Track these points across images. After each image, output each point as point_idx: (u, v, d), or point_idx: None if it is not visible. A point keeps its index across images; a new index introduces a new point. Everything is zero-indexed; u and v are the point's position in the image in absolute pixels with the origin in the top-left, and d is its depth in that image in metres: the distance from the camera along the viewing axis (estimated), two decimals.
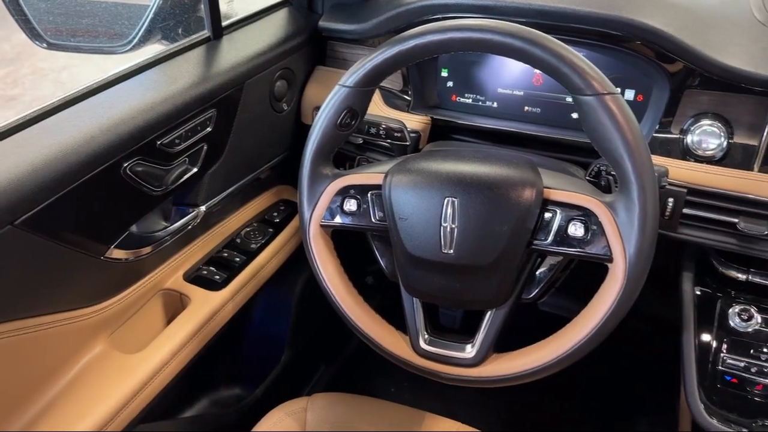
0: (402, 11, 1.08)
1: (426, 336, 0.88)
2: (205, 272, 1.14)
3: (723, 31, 0.95)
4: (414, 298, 0.89)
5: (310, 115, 1.24)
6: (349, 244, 1.01)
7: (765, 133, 0.88)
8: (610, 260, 0.76)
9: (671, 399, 1.24)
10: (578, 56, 0.74)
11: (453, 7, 1.02)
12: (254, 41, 1.14)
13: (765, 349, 0.94)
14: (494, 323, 0.85)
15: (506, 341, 0.87)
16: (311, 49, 1.23)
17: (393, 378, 1.68)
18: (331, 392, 1.08)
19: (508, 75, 1.10)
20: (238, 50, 1.10)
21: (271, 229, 1.25)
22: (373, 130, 1.05)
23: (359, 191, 0.87)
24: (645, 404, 1.58)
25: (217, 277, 1.13)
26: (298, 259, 1.28)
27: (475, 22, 0.77)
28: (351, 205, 0.87)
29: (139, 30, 1.12)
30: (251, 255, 1.19)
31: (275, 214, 1.29)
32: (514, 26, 0.76)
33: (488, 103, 1.13)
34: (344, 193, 0.87)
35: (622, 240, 0.75)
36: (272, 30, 1.19)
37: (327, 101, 0.84)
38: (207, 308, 1.08)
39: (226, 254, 1.18)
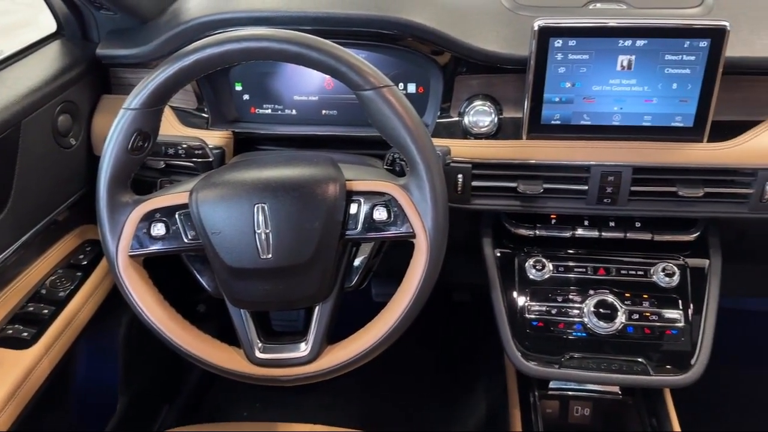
0: (182, 30, 1.07)
1: (260, 344, 0.89)
2: (11, 331, 1.04)
3: (478, 21, 1.06)
4: (242, 310, 0.89)
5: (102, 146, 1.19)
6: (170, 279, 0.99)
7: (525, 106, 1.00)
8: (414, 236, 0.83)
9: (500, 357, 1.37)
10: (353, 55, 0.79)
11: (232, 21, 1.04)
12: (26, 78, 1.06)
13: (559, 291, 1.08)
14: (323, 317, 0.88)
15: (348, 333, 0.90)
16: (93, 79, 1.18)
17: (244, 402, 1.65)
18: (177, 427, 1.04)
19: (301, 82, 1.14)
20: (9, 89, 1.02)
21: (79, 273, 1.17)
22: (171, 151, 1.03)
23: (166, 213, 0.85)
24: (480, 367, 1.72)
25: (25, 334, 1.04)
26: (118, 297, 1.22)
27: (252, 32, 0.80)
28: (159, 229, 0.85)
29: None
30: (61, 304, 1.10)
31: (81, 256, 1.21)
32: (290, 33, 0.80)
33: (287, 111, 1.16)
34: (149, 218, 0.85)
35: (420, 216, 0.82)
36: (45, 64, 1.11)
37: (113, 127, 0.82)
38: (18, 370, 0.99)
39: (31, 308, 1.09)
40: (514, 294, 1.09)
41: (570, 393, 1.19)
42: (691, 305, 1.05)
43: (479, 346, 1.76)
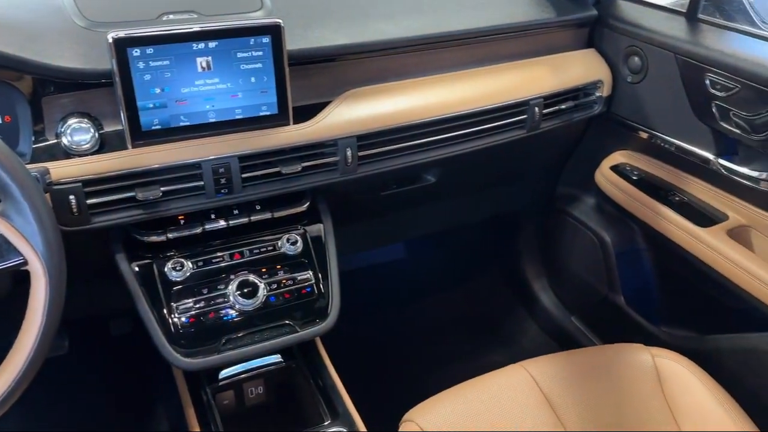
0: None
1: None
2: None
3: (53, 41, 1.04)
4: None
5: None
6: None
7: (123, 117, 1.02)
8: (26, 263, 0.79)
9: (169, 368, 1.35)
10: None
11: None
12: None
13: (203, 284, 1.14)
14: None
15: None
16: None
17: None
18: None
19: None
20: None
21: None
22: None
23: None
24: (153, 387, 1.70)
25: None
26: None
27: None
28: None
29: None
30: None
31: None
32: None
33: None
34: None
35: (27, 240, 0.79)
36: None
37: None
38: None
39: None
40: (161, 300, 1.11)
41: (241, 377, 1.26)
42: (317, 264, 1.21)
43: (147, 366, 1.72)
